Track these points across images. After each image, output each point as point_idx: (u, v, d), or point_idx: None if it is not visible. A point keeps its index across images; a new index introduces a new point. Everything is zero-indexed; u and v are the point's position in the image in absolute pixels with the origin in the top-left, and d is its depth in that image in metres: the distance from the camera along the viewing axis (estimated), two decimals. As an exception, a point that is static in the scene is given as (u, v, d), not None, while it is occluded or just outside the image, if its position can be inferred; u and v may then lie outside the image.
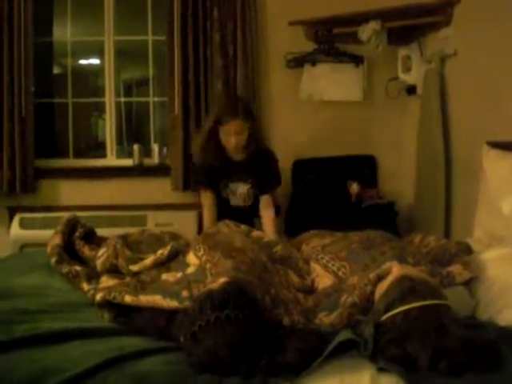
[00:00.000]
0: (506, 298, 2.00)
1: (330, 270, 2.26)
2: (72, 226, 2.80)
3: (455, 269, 2.12)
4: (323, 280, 2.22)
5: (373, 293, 1.89)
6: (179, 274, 2.15)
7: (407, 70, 4.14)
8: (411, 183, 4.16)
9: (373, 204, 3.96)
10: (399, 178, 4.42)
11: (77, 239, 2.74)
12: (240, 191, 3.49)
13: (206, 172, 3.47)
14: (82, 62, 5.00)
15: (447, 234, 3.65)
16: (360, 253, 2.28)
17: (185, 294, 1.94)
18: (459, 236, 3.12)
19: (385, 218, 3.78)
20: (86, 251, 2.66)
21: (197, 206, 4.23)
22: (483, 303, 2.05)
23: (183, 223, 4.09)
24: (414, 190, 4.09)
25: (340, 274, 2.22)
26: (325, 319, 1.92)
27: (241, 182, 3.48)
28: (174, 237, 2.68)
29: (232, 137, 3.29)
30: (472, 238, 2.80)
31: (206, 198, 3.52)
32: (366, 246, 2.33)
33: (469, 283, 2.13)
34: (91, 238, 2.79)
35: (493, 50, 3.17)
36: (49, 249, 2.65)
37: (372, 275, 1.94)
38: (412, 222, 4.09)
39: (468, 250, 2.37)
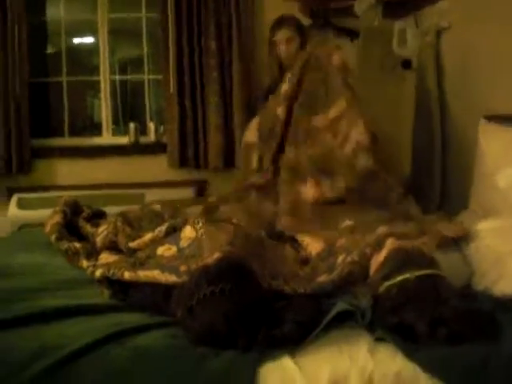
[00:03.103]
0: (501, 269, 2.02)
1: (318, 236, 2.32)
2: (74, 206, 2.82)
3: (443, 228, 2.22)
4: (314, 246, 2.26)
5: (372, 254, 1.92)
6: (174, 248, 2.16)
7: (403, 43, 4.11)
8: (408, 157, 4.15)
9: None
10: (396, 153, 4.41)
11: (81, 218, 2.76)
12: None
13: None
14: (76, 40, 4.96)
15: (443, 207, 3.66)
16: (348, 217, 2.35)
17: (183, 268, 1.95)
18: (455, 209, 3.13)
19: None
20: (88, 228, 2.68)
21: (193, 183, 4.25)
22: (479, 273, 2.07)
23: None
24: (411, 164, 4.09)
25: (328, 238, 2.27)
26: (325, 279, 1.96)
27: None
28: (174, 213, 2.70)
29: (282, 45, 3.45)
30: (467, 211, 2.82)
31: None
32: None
33: (463, 249, 2.15)
34: (99, 219, 2.81)
35: (488, 23, 3.16)
36: (48, 227, 2.67)
37: (369, 239, 1.98)
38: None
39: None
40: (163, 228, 2.42)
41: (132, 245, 2.41)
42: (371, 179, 2.81)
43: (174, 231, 2.36)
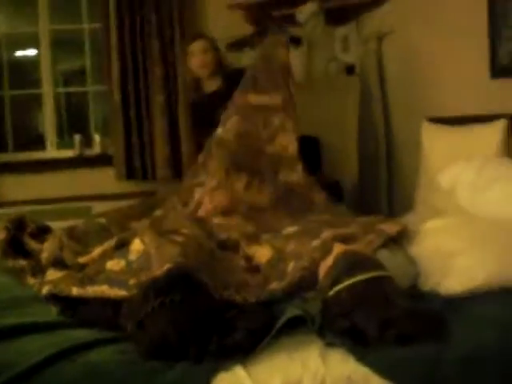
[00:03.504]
0: (447, 267, 2.05)
1: (265, 243, 2.33)
2: (19, 222, 2.76)
3: (384, 226, 2.25)
4: (263, 253, 2.26)
5: (321, 259, 1.94)
6: (122, 262, 2.13)
7: (345, 49, 4.18)
8: (355, 162, 4.21)
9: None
10: (343, 158, 4.46)
11: (26, 234, 2.70)
12: None
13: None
14: (18, 53, 4.87)
15: (390, 209, 3.73)
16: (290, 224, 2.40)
17: (132, 281, 1.93)
18: (402, 211, 3.18)
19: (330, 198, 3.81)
20: (33, 244, 2.63)
21: (141, 194, 4.21)
22: (425, 273, 2.09)
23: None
24: (358, 169, 4.14)
25: (276, 244, 2.28)
26: (277, 287, 1.97)
27: None
28: (121, 227, 2.67)
29: (198, 56, 3.40)
30: (414, 212, 2.87)
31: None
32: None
33: (408, 249, 2.19)
34: (44, 234, 2.75)
35: (428, 27, 3.23)
36: None
37: (316, 243, 2.00)
38: (357, 200, 4.15)
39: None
40: (113, 242, 2.39)
41: (81, 260, 2.37)
42: (293, 194, 2.86)
43: (123, 245, 2.33)
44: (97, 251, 2.37)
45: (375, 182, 3.83)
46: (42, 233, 2.76)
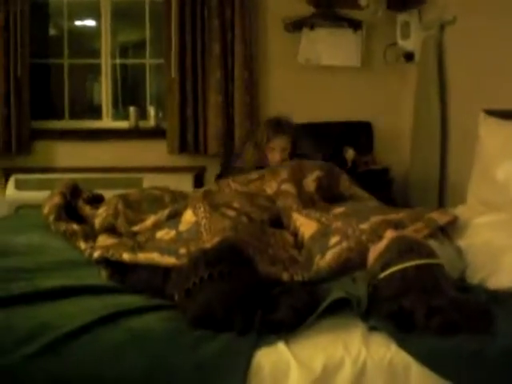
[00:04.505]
0: (496, 263, 2.03)
1: (313, 217, 2.33)
2: (75, 189, 2.83)
3: (434, 215, 2.24)
4: (307, 228, 2.27)
5: (368, 241, 1.94)
6: (173, 232, 2.17)
7: (406, 36, 4.11)
8: (407, 150, 4.17)
9: (368, 170, 3.97)
10: (395, 145, 4.43)
11: (81, 200, 2.76)
12: None
13: None
14: (78, 23, 4.93)
15: (441, 200, 3.68)
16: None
17: (182, 251, 1.96)
18: (453, 203, 3.14)
19: (380, 184, 3.78)
20: (87, 209, 2.69)
21: (192, 169, 4.24)
22: (473, 267, 2.08)
23: (179, 186, 4.07)
24: (410, 157, 4.10)
25: (323, 220, 2.28)
26: (321, 263, 1.98)
27: None
28: (174, 197, 2.71)
29: (276, 153, 3.33)
30: (465, 205, 2.83)
31: None
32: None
33: (457, 242, 2.16)
34: (98, 203, 2.81)
35: (492, 17, 3.16)
36: (46, 208, 2.67)
37: (364, 226, 2.00)
38: (407, 188, 4.11)
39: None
40: (165, 212, 2.43)
41: (135, 228, 2.42)
42: None
43: (175, 215, 2.37)
44: (150, 220, 2.41)
45: (427, 172, 3.78)
46: (96, 201, 2.82)
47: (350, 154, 3.87)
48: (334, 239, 2.06)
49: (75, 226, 2.50)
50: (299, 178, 2.75)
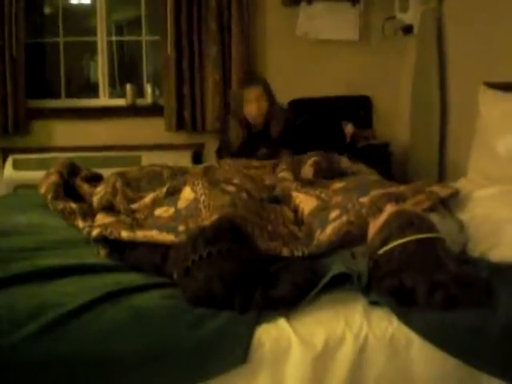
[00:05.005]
0: (497, 236, 2.02)
1: (312, 194, 2.33)
2: (72, 167, 2.81)
3: (436, 188, 2.23)
4: (307, 204, 2.26)
5: (368, 215, 1.93)
6: (171, 209, 2.16)
7: (404, 9, 4.06)
8: (406, 124, 4.14)
9: (367, 145, 3.95)
10: (394, 119, 4.40)
11: (79, 178, 2.75)
12: None
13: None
14: (73, 1, 4.88)
15: (441, 174, 3.66)
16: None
17: (181, 228, 1.95)
18: (453, 177, 3.13)
19: (379, 159, 3.77)
20: (85, 187, 2.68)
21: (190, 146, 4.22)
22: (474, 240, 2.07)
23: (177, 164, 4.02)
24: (409, 131, 4.08)
25: (323, 196, 2.28)
26: (321, 237, 1.98)
27: None
28: (173, 173, 2.69)
29: (253, 104, 3.39)
30: (465, 179, 2.81)
31: None
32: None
33: (458, 215, 2.15)
34: (96, 182, 2.80)
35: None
36: (44, 187, 2.65)
37: (364, 200, 1.99)
38: (406, 162, 4.10)
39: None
40: (164, 189, 2.41)
41: (133, 206, 2.41)
42: None
43: (174, 193, 2.36)
44: (148, 198, 2.40)
45: (426, 147, 3.76)
46: (94, 180, 2.80)
47: (349, 128, 3.84)
48: (333, 213, 2.05)
49: (73, 205, 2.49)
50: (297, 167, 2.79)
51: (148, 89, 4.47)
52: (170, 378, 1.55)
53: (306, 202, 2.28)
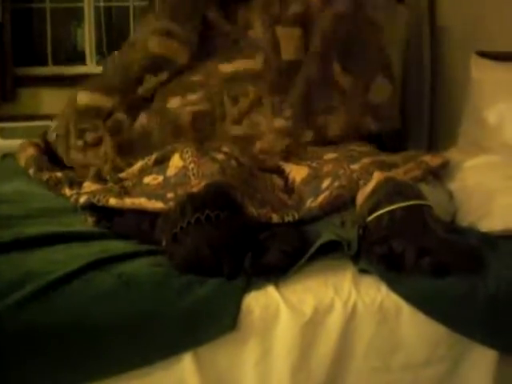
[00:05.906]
0: (487, 206, 2.01)
1: (303, 164, 2.32)
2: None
3: (426, 158, 2.24)
4: (299, 172, 2.26)
5: (359, 179, 1.94)
6: (160, 178, 2.14)
7: (396, -24, 4.02)
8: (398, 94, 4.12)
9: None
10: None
11: None
12: None
13: None
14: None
15: (431, 143, 3.66)
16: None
17: (170, 195, 1.94)
18: (443, 146, 3.12)
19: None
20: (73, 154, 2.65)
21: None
22: (463, 210, 2.06)
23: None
24: (399, 100, 4.05)
25: (314, 165, 2.27)
26: (312, 205, 1.97)
27: None
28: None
29: None
30: (456, 148, 2.81)
31: None
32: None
33: (448, 185, 2.15)
34: None
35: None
36: (22, 160, 2.65)
37: (355, 167, 2.01)
38: (396, 133, 4.08)
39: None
40: (153, 157, 2.39)
41: (121, 175, 2.39)
42: None
43: (163, 161, 2.34)
44: (136, 166, 2.38)
45: (417, 117, 3.74)
46: None
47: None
48: (326, 182, 2.05)
49: (59, 174, 2.47)
50: None
51: (136, 56, 4.41)
52: (158, 345, 1.55)
53: (297, 170, 2.27)
